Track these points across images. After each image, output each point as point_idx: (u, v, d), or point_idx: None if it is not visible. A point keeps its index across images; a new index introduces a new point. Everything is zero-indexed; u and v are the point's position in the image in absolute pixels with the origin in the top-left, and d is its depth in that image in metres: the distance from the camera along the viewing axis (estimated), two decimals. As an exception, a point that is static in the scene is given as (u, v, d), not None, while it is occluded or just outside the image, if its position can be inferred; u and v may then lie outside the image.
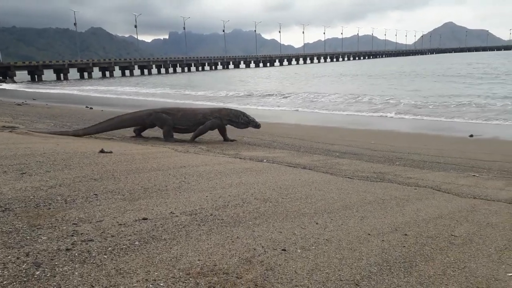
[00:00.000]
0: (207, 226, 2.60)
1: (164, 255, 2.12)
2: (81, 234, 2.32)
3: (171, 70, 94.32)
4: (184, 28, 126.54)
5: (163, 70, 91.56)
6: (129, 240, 2.28)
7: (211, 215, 2.84)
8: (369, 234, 2.66)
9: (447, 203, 3.61)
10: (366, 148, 7.67)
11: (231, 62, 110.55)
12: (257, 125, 7.63)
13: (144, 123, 7.46)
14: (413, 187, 4.27)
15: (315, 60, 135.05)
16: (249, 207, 3.10)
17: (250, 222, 2.75)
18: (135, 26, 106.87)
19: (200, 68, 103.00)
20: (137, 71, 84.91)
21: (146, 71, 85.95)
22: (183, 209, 2.93)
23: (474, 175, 5.06)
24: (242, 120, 7.52)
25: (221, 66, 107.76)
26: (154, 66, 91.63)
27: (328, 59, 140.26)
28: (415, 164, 5.93)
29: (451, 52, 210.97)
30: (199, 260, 2.09)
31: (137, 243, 2.25)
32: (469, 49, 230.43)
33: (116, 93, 31.30)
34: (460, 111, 14.87)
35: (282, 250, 2.30)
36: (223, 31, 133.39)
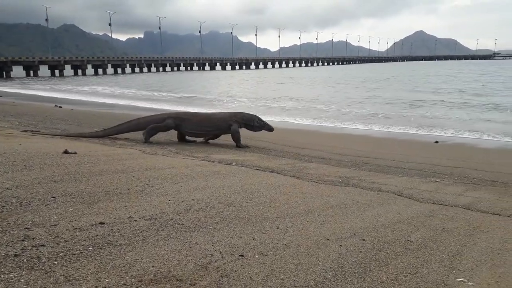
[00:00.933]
0: (165, 231, 2.57)
1: (118, 261, 2.08)
2: (33, 239, 2.24)
3: (145, 69, 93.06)
4: (159, 28, 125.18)
5: (137, 70, 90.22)
6: (82, 245, 2.23)
7: (172, 219, 2.80)
8: (328, 239, 2.70)
9: (407, 208, 3.70)
10: (335, 153, 7.77)
11: (207, 64, 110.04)
12: (270, 129, 7.91)
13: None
14: (376, 192, 4.35)
15: (291, 64, 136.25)
16: (211, 212, 3.08)
17: (210, 227, 2.73)
18: (110, 24, 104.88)
19: (175, 68, 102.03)
20: (110, 70, 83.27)
21: (119, 70, 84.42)
22: (143, 213, 2.88)
23: (435, 181, 5.20)
24: (257, 124, 7.78)
25: (197, 67, 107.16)
26: (128, 65, 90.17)
27: (303, 64, 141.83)
28: (380, 169, 6.05)
29: (422, 60, 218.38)
30: (153, 266, 2.06)
31: (90, 248, 2.20)
32: (438, 58, 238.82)
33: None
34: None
35: (240, 255, 2.30)
36: (199, 32, 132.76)
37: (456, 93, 26.58)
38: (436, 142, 9.97)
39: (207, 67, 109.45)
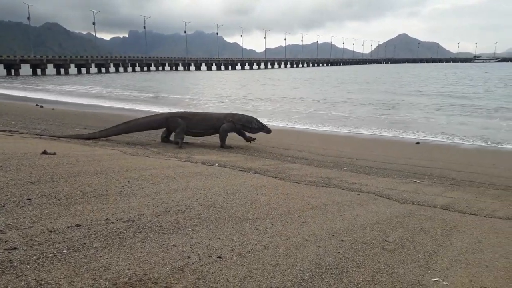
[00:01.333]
0: (143, 234, 2.54)
1: (93, 264, 2.05)
2: (5, 242, 2.19)
3: (130, 69, 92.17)
4: (144, 27, 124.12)
5: (121, 69, 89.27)
6: (57, 248, 2.18)
7: (150, 221, 2.77)
8: (306, 240, 2.71)
9: (386, 209, 3.74)
10: (318, 154, 7.82)
11: (192, 64, 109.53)
12: (268, 131, 7.94)
13: (161, 127, 7.61)
14: (356, 193, 4.39)
15: (276, 66, 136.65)
16: (191, 213, 3.06)
17: (189, 229, 2.71)
18: (93, 23, 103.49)
19: (160, 68, 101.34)
20: (94, 69, 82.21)
21: (103, 69, 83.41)
22: (121, 215, 2.84)
23: (415, 182, 5.27)
24: (256, 126, 7.80)
25: (182, 68, 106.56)
26: (112, 64, 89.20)
27: (289, 65, 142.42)
28: (362, 169, 6.11)
29: (405, 62, 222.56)
30: (128, 269, 2.03)
31: (65, 251, 2.16)
32: (421, 60, 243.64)
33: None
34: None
35: (218, 257, 2.29)
36: (185, 32, 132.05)
37: (435, 95, 27.04)
38: (417, 143, 10.12)
39: (192, 67, 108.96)
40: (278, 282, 2.07)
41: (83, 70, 78.84)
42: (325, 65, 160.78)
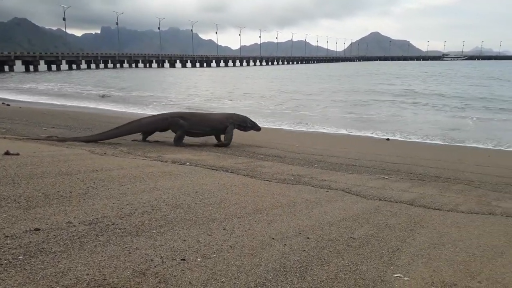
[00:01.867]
0: (105, 237, 2.48)
1: (50, 270, 1.98)
2: (-43, 249, 2.10)
3: (102, 66, 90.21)
4: (117, 24, 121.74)
5: (93, 66, 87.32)
6: (12, 254, 2.10)
7: (113, 224, 2.71)
8: (273, 239, 2.71)
9: (353, 205, 3.79)
10: (290, 151, 7.84)
11: (166, 61, 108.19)
12: (259, 129, 8.23)
13: (161, 127, 7.52)
14: (326, 190, 4.43)
15: (251, 63, 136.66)
16: (157, 215, 3.01)
17: (154, 231, 2.66)
18: (64, 19, 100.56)
19: (133, 65, 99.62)
20: (64, 66, 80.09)
21: (74, 66, 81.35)
22: (83, 218, 2.77)
23: (383, 178, 5.37)
24: (249, 125, 8.03)
25: (156, 65, 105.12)
26: (83, 61, 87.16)
27: (264, 63, 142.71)
28: (332, 166, 6.17)
29: (377, 60, 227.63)
30: (87, 274, 1.98)
31: (21, 257, 2.08)
32: (393, 58, 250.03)
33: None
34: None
35: (182, 259, 2.26)
36: (159, 28, 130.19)
37: (405, 93, 27.68)
38: (387, 139, 10.34)
39: (166, 64, 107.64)
40: (242, 283, 2.06)
41: (54, 67, 76.74)
42: (299, 63, 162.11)
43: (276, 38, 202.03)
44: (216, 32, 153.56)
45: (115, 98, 23.84)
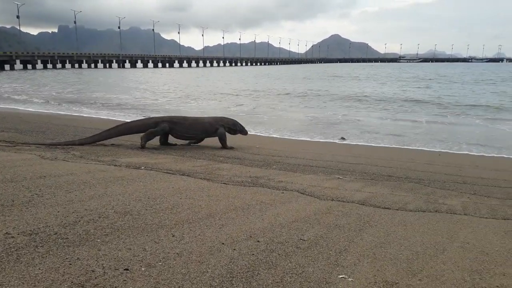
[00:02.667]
0: (45, 248, 2.37)
1: (-21, 286, 1.87)
2: None
3: (59, 66, 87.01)
4: (75, 22, 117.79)
5: (50, 66, 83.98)
6: None
7: (55, 234, 2.60)
8: (223, 244, 2.69)
9: (306, 206, 3.83)
10: (250, 153, 7.84)
11: (127, 61, 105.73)
12: (246, 133, 8.37)
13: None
14: (281, 191, 4.45)
15: (215, 64, 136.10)
16: (103, 222, 2.91)
17: (98, 240, 2.58)
18: (17, 17, 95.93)
19: (92, 65, 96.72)
20: (19, 66, 76.53)
21: (30, 66, 77.91)
22: (24, 228, 2.64)
23: (338, 178, 5.47)
24: (238, 128, 8.18)
25: (116, 65, 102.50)
26: (39, 61, 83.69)
27: (228, 63, 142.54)
28: (290, 167, 6.23)
29: (337, 62, 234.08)
30: (20, 289, 1.88)
31: None
32: (352, 60, 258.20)
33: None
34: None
35: (125, 269, 2.19)
36: (119, 27, 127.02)
37: (362, 95, 28.49)
38: (342, 138, 10.62)
39: (127, 64, 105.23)
40: (186, 291, 2.03)
41: (7, 66, 73.15)
42: (263, 64, 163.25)
43: (239, 39, 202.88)
44: (179, 32, 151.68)
45: (68, 99, 23.02)
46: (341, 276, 2.33)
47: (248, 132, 8.76)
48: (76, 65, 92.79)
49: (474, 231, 3.34)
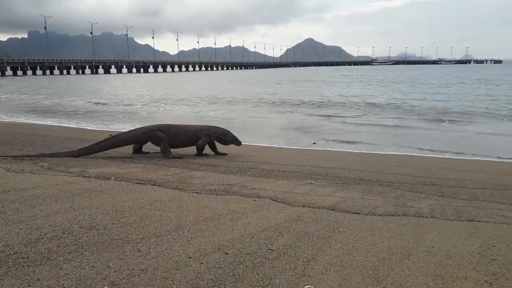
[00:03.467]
0: (4, 269, 2.29)
1: None
2: None
3: (30, 72, 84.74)
4: (45, 28, 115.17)
5: (20, 73, 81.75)
6: None
7: (16, 253, 2.52)
8: (190, 257, 2.65)
9: (277, 214, 3.83)
10: (225, 159, 7.81)
11: (100, 67, 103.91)
12: (240, 143, 8.11)
13: (140, 141, 7.62)
14: (253, 199, 4.44)
15: (190, 68, 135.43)
16: (67, 239, 2.84)
17: (61, 258, 2.51)
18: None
19: (64, 71, 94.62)
20: (-14, 73, 74.21)
21: (-1, 73, 75.75)
22: (-19, 249, 2.53)
23: (311, 183, 5.51)
24: (230, 138, 7.95)
25: (90, 70, 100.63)
26: (9, 68, 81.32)
27: (203, 68, 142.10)
28: (264, 173, 6.23)
29: (312, 66, 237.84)
30: (-28, 316, 1.80)
31: None
32: (326, 63, 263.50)
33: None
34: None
35: (87, 288, 2.13)
36: (91, 33, 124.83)
37: (337, 97, 28.90)
38: (314, 143, 10.77)
39: (100, 70, 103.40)
40: (149, 309, 1.99)
41: (-27, 74, 70.86)
42: (238, 68, 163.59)
43: (215, 43, 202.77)
44: (153, 37, 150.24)
45: (38, 107, 22.44)
46: (307, 286, 2.33)
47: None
48: (48, 72, 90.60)
49: (440, 234, 3.42)
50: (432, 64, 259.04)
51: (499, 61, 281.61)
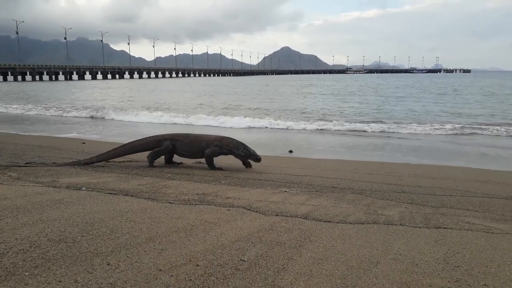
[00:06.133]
0: (-36, 286, 2.22)
1: None
2: None
3: (0, 78, 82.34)
4: (17, 33, 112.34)
5: (-12, 79, 79.29)
6: None
7: (-22, 269, 2.44)
8: (160, 270, 2.64)
9: (250, 223, 3.85)
10: (200, 168, 7.79)
11: (74, 72, 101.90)
12: (257, 159, 7.52)
13: (154, 148, 7.63)
14: (227, 208, 4.45)
15: (167, 75, 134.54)
16: (34, 253, 2.77)
17: (27, 273, 2.45)
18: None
19: (37, 77, 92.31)
20: (-47, 79, 71.65)
21: (-35, 79, 73.26)
22: None
23: (285, 191, 5.56)
24: (242, 152, 7.54)
25: (63, 76, 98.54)
26: (-23, 74, 78.83)
27: (180, 74, 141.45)
28: (239, 182, 6.24)
29: (288, 74, 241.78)
30: None
31: None
32: (303, 72, 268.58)
33: None
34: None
35: (52, 304, 2.09)
36: (65, 38, 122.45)
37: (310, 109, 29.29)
38: (290, 151, 10.84)
39: (75, 76, 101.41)
40: (116, 324, 1.97)
41: None
42: (216, 75, 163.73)
43: (191, 50, 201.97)
44: (128, 43, 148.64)
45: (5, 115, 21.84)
46: (277, 297, 2.36)
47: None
48: (19, 78, 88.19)
49: (408, 241, 3.51)
50: (404, 72, 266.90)
51: (468, 71, 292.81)
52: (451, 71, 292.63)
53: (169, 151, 7.66)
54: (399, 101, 34.22)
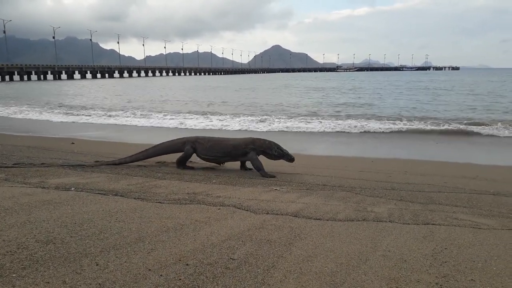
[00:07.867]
0: (-50, 289, 2.19)
1: None
2: None
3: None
4: (4, 32, 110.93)
5: (-25, 79, 78.16)
6: None
7: (-36, 271, 2.41)
8: (149, 270, 2.63)
9: (241, 222, 3.85)
10: (190, 167, 7.76)
11: (63, 72, 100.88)
12: (291, 159, 7.21)
13: (180, 150, 7.62)
14: (218, 207, 4.45)
15: (157, 73, 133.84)
16: (22, 254, 2.75)
17: (14, 275, 2.42)
18: None
19: (25, 77, 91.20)
20: None
21: (-49, 79, 72.12)
22: None
23: (276, 189, 5.57)
24: (276, 152, 7.23)
25: (52, 76, 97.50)
26: (-37, 74, 77.67)
27: (171, 73, 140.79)
28: (230, 181, 6.24)
29: (279, 72, 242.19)
30: None
31: None
32: (294, 70, 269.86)
33: None
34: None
35: (40, 306, 2.08)
36: (53, 37, 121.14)
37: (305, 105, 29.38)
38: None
39: (64, 76, 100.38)
40: (104, 325, 1.96)
41: None
42: (207, 74, 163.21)
43: (182, 49, 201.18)
44: (118, 42, 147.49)
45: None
46: (267, 296, 2.37)
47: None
48: (7, 77, 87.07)
49: (397, 238, 3.54)
50: (394, 70, 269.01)
51: (457, 68, 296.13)
52: (440, 68, 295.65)
53: (191, 154, 7.50)
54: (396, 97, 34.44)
